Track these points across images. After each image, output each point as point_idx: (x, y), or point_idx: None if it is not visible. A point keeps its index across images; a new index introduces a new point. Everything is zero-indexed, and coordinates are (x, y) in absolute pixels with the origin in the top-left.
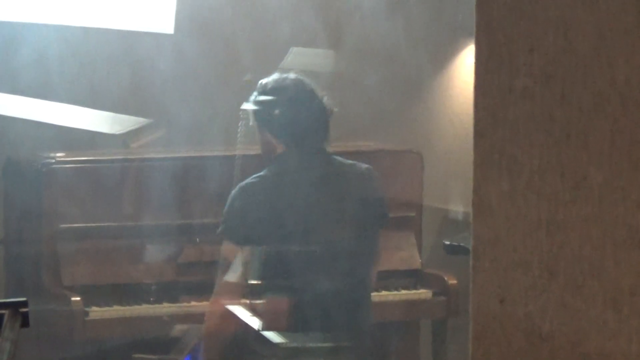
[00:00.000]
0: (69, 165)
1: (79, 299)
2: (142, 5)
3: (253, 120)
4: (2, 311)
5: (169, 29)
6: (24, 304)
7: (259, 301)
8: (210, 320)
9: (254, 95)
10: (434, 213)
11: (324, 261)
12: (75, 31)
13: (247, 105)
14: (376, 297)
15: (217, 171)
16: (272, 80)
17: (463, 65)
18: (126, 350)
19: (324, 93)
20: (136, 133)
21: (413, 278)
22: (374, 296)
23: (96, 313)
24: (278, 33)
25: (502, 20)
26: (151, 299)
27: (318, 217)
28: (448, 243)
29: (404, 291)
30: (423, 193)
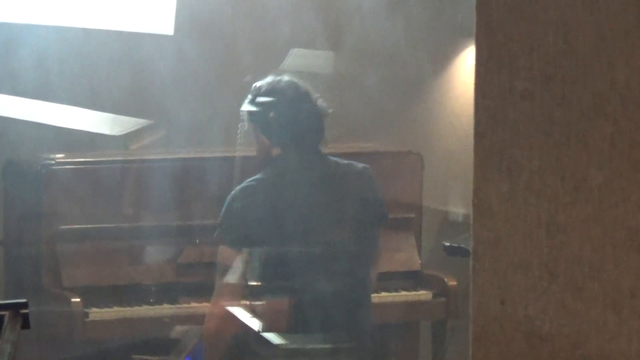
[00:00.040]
0: (69, 166)
1: (78, 300)
2: (142, 7)
3: (248, 123)
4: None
5: (168, 30)
6: (25, 305)
7: (259, 302)
8: (210, 322)
9: (248, 98)
10: (434, 214)
11: (323, 262)
12: (75, 32)
13: (247, 107)
14: (376, 299)
15: (217, 172)
16: (266, 82)
17: (463, 66)
18: (126, 351)
19: (319, 94)
20: (136, 134)
21: (413, 279)
22: (373, 297)
23: (96, 314)
24: (278, 34)
25: (502, 21)
26: (151, 300)
27: (316, 218)
28: (448, 244)
29: (404, 292)
30: (423, 194)
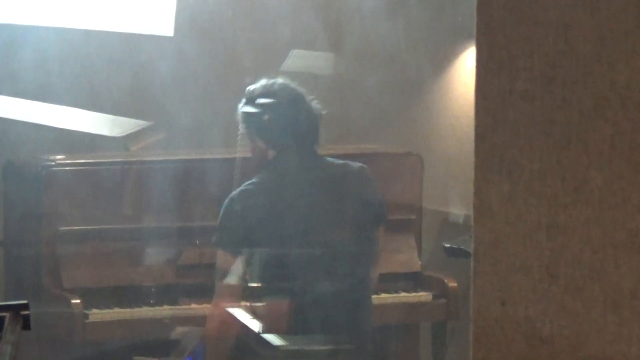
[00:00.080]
0: (69, 167)
1: (79, 301)
2: (142, 8)
3: (243, 127)
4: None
5: (169, 32)
6: (25, 306)
7: (259, 304)
8: (211, 323)
9: (242, 102)
10: (434, 216)
11: (323, 262)
12: (75, 34)
13: (242, 110)
14: (376, 300)
15: (217, 174)
16: (260, 86)
17: (463, 67)
18: (126, 352)
19: (313, 96)
20: (136, 135)
21: (413, 281)
22: (373, 299)
23: (96, 315)
24: (278, 35)
25: (503, 22)
26: (151, 301)
27: (314, 219)
28: (448, 246)
29: (404, 294)
30: (423, 195)
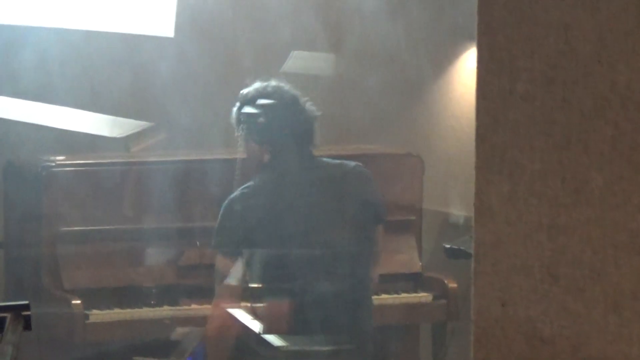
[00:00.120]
0: (70, 168)
1: (79, 302)
2: (143, 9)
3: (237, 131)
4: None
5: (169, 32)
6: (26, 307)
7: (260, 304)
8: (211, 324)
9: (236, 106)
10: (434, 216)
11: (322, 262)
12: (76, 34)
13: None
14: (376, 301)
15: (218, 174)
16: (254, 89)
17: (463, 68)
18: (127, 353)
19: (307, 98)
20: (137, 136)
21: (413, 281)
22: (374, 299)
23: (97, 316)
24: (278, 36)
25: (503, 22)
26: (152, 302)
27: (312, 220)
28: (448, 246)
29: (404, 294)
30: (423, 196)
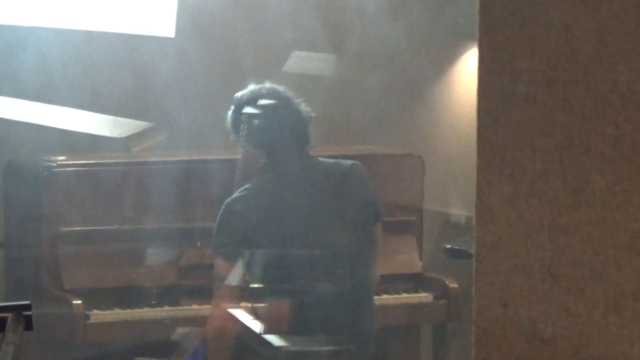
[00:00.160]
0: (71, 168)
1: (80, 302)
2: (144, 9)
3: (232, 134)
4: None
5: (170, 33)
6: (27, 307)
7: (261, 305)
8: (212, 324)
9: (231, 109)
10: (435, 217)
11: (322, 262)
12: (77, 35)
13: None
14: (377, 301)
15: (219, 175)
16: (248, 92)
17: (464, 68)
18: (127, 353)
19: (301, 99)
20: (138, 137)
21: (414, 282)
22: (374, 300)
23: (97, 316)
24: (279, 36)
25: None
26: (152, 302)
27: (310, 220)
28: (449, 247)
29: (405, 295)
30: (424, 197)
